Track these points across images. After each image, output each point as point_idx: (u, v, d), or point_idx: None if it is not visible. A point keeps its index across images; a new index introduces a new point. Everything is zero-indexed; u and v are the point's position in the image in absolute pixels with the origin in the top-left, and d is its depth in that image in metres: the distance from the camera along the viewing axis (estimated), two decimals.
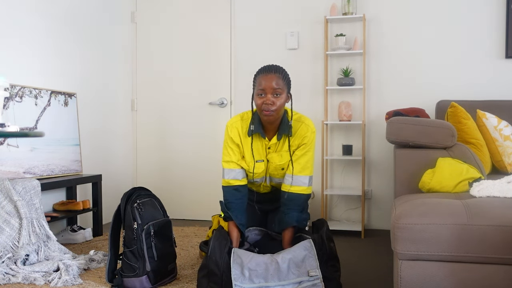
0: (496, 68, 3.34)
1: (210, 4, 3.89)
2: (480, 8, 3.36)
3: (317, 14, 3.66)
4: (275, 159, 2.28)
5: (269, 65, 2.20)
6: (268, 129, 2.27)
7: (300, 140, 2.26)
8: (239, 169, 2.30)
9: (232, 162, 2.30)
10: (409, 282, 1.67)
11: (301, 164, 2.26)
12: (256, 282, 1.93)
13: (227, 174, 2.31)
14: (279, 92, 2.13)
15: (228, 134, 2.30)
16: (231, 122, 2.32)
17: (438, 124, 2.24)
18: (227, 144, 2.32)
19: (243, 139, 2.29)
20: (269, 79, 2.14)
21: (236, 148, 2.30)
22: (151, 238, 2.20)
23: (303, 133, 2.25)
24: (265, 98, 2.13)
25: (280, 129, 2.24)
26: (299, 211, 2.26)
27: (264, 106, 2.13)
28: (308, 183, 2.27)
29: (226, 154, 2.31)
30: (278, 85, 2.13)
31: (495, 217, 1.59)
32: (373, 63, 3.56)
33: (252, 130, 2.24)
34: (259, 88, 2.15)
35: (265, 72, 2.17)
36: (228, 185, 2.31)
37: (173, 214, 3.99)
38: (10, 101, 2.80)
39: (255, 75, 2.22)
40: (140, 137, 4.09)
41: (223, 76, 3.87)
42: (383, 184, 3.56)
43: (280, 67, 2.20)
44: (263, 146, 2.29)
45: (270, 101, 2.12)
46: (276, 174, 2.34)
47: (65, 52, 3.34)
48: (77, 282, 2.25)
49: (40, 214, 2.58)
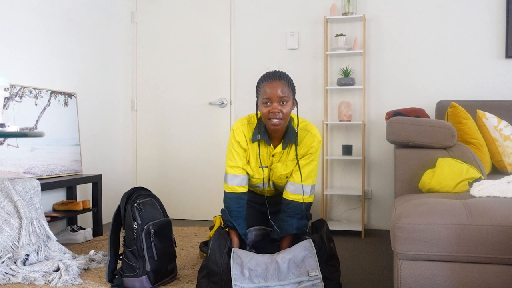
0: (496, 68, 3.34)
1: (210, 4, 3.89)
2: (480, 8, 3.36)
3: (317, 14, 3.66)
4: (279, 169, 2.24)
5: (273, 72, 2.13)
6: (273, 137, 2.21)
7: (306, 149, 2.22)
8: (243, 175, 2.26)
9: (238, 168, 2.24)
10: (409, 282, 1.67)
11: (304, 173, 2.22)
12: (256, 282, 1.93)
13: (231, 180, 2.25)
14: (285, 99, 2.08)
15: (235, 138, 2.23)
16: (237, 125, 2.25)
17: (438, 124, 2.24)
18: (232, 148, 2.24)
19: (249, 144, 2.24)
20: (274, 86, 2.07)
21: (243, 153, 2.24)
22: (151, 238, 2.20)
23: (309, 142, 2.21)
24: (271, 106, 2.07)
25: (286, 137, 2.19)
26: (298, 218, 2.23)
27: (271, 115, 2.07)
28: (310, 192, 2.24)
29: (232, 159, 2.25)
30: (284, 92, 2.07)
31: (495, 217, 1.59)
32: (373, 63, 3.56)
33: (258, 139, 2.18)
34: (264, 97, 2.08)
35: (270, 79, 2.10)
36: (232, 192, 2.25)
37: (173, 214, 3.99)
38: (10, 101, 2.80)
39: (258, 82, 2.16)
40: (140, 137, 4.09)
41: (223, 76, 3.87)
42: (383, 184, 3.56)
43: (284, 73, 2.13)
44: (268, 153, 2.25)
45: (277, 110, 2.06)
46: (280, 182, 2.32)
47: (65, 52, 3.34)
48: (77, 282, 2.25)
49: (40, 214, 2.58)
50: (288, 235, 2.23)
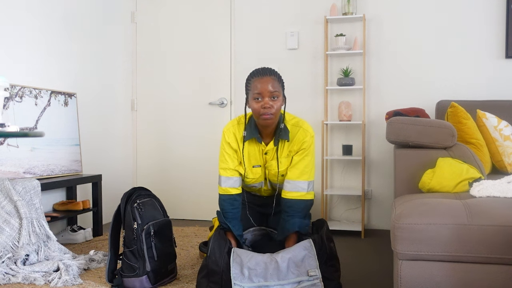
0: (496, 68, 3.34)
1: (210, 4, 3.89)
2: (480, 8, 3.36)
3: (317, 14, 3.66)
4: (274, 167, 2.24)
5: (263, 68, 2.15)
6: (264, 134, 2.22)
7: (299, 145, 2.22)
8: (236, 177, 2.26)
9: (230, 169, 2.25)
10: (409, 282, 1.67)
11: (299, 169, 2.21)
12: (256, 281, 1.93)
13: (224, 182, 2.26)
14: (276, 95, 2.09)
15: (226, 140, 2.25)
16: (227, 127, 2.27)
17: (438, 124, 2.24)
18: (224, 151, 2.26)
19: (240, 144, 2.24)
20: (264, 82, 2.08)
21: (234, 154, 2.25)
22: (151, 238, 2.20)
23: (301, 138, 2.21)
24: (262, 102, 2.08)
25: (276, 133, 2.20)
26: (300, 217, 2.21)
27: (262, 110, 2.08)
28: (307, 188, 2.22)
29: (223, 161, 2.26)
30: (275, 87, 2.09)
31: (495, 217, 1.59)
32: (373, 63, 3.56)
33: (245, 137, 2.19)
34: (255, 92, 2.09)
35: (260, 75, 2.11)
36: (225, 194, 2.27)
37: (173, 214, 3.99)
38: (10, 101, 2.80)
39: (247, 79, 2.17)
40: (140, 137, 4.09)
41: (223, 76, 3.87)
42: (383, 184, 3.56)
43: (273, 69, 2.16)
44: (260, 152, 2.25)
45: (269, 105, 2.07)
46: (275, 180, 2.31)
47: (65, 52, 3.34)
48: (77, 282, 2.25)
49: (40, 214, 2.58)
50: (292, 235, 2.21)
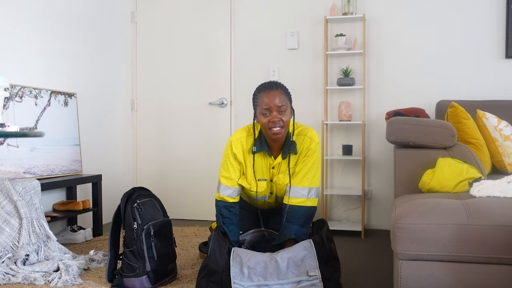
0: (496, 68, 3.34)
1: (210, 4, 3.89)
2: (480, 8, 3.36)
3: (317, 14, 3.66)
4: (283, 180, 2.23)
5: (269, 82, 2.15)
6: (272, 147, 2.21)
7: (304, 153, 2.21)
8: (235, 188, 2.25)
9: (231, 180, 2.24)
10: (409, 282, 1.67)
11: (300, 175, 2.20)
12: (255, 280, 1.92)
13: (223, 190, 2.26)
14: (284, 108, 2.09)
15: (232, 150, 2.22)
16: (236, 137, 2.23)
17: (438, 124, 2.24)
18: (228, 160, 2.24)
19: (246, 157, 2.23)
20: (272, 96, 2.08)
21: (238, 166, 2.24)
22: (151, 238, 2.20)
23: (306, 146, 2.20)
24: (270, 116, 2.08)
25: (285, 147, 2.19)
26: (298, 225, 2.18)
27: (271, 124, 2.08)
28: (307, 194, 2.19)
29: (226, 170, 2.25)
30: (282, 101, 2.08)
31: (495, 217, 1.59)
32: (373, 63, 3.56)
33: (254, 151, 2.18)
34: (263, 107, 2.09)
35: (267, 89, 2.11)
36: (222, 201, 2.27)
37: (173, 214, 3.99)
38: (10, 101, 2.80)
39: (254, 94, 2.16)
40: (140, 137, 4.09)
41: (223, 76, 3.87)
42: (383, 184, 3.56)
43: (279, 82, 2.15)
44: (267, 165, 2.24)
45: (277, 119, 2.07)
46: (283, 193, 2.29)
47: (65, 52, 3.34)
48: (77, 282, 2.25)
49: (40, 214, 2.58)
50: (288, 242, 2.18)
